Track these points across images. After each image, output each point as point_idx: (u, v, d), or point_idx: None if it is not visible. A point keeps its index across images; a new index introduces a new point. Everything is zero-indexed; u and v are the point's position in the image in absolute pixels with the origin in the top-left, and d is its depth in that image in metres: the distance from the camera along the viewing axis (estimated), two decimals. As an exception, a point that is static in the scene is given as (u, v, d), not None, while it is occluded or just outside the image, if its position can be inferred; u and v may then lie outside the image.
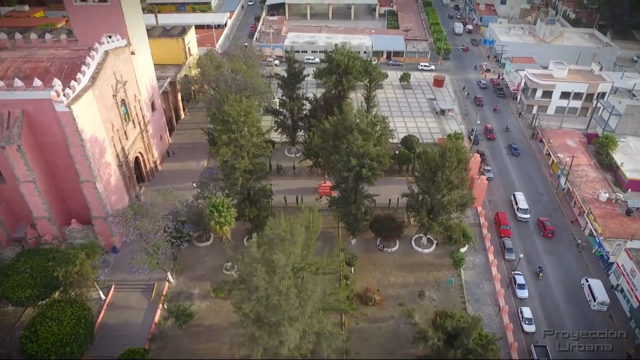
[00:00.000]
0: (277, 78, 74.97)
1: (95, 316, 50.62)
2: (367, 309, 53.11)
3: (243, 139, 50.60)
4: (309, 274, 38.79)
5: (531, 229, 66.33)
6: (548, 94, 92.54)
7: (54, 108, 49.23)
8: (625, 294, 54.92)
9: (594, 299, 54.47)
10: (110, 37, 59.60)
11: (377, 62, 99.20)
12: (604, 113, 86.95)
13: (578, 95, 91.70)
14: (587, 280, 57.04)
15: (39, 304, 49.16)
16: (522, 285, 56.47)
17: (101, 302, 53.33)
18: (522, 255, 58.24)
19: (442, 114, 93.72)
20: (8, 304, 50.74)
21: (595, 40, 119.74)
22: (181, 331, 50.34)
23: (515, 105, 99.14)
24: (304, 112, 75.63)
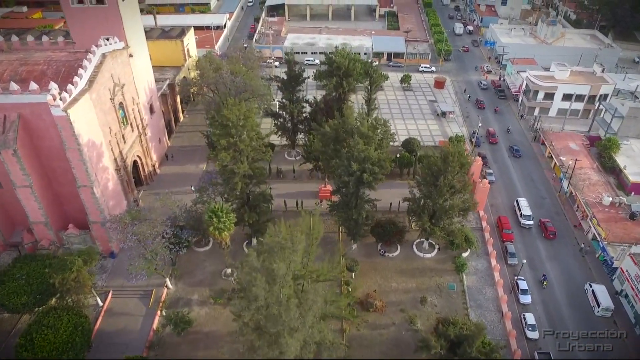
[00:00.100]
0: (276, 80, 74.18)
1: (92, 323, 49.92)
2: (368, 315, 52.40)
3: (242, 143, 49.88)
4: (309, 283, 38.06)
5: (534, 233, 65.61)
6: (550, 96, 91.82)
7: (51, 112, 48.51)
8: (629, 300, 54.23)
9: (598, 305, 53.77)
10: (107, 39, 58.86)
11: (377, 63, 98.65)
12: (607, 115, 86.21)
13: (580, 97, 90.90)
14: (590, 285, 56.35)
15: (35, 310, 48.48)
16: (525, 291, 55.77)
17: (99, 309, 52.56)
18: (525, 261, 57.52)
19: (443, 116, 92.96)
20: (4, 311, 49.90)
21: (597, 42, 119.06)
22: (180, 338, 49.54)
23: (516, 107, 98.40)
24: (304, 114, 74.78)
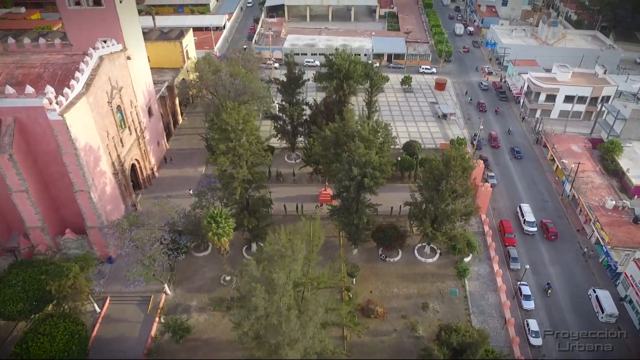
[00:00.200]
0: (276, 83, 73.36)
1: (89, 330, 49.26)
2: (369, 322, 51.64)
3: (242, 148, 49.11)
4: (310, 292, 37.32)
5: (536, 237, 64.76)
6: (552, 98, 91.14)
7: (47, 116, 47.73)
8: (634, 306, 53.52)
9: (602, 311, 53.07)
10: (105, 41, 58.12)
11: (378, 65, 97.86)
12: (609, 117, 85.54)
13: (582, 99, 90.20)
14: (594, 291, 55.67)
15: (32, 317, 47.71)
16: (528, 297, 55.04)
17: (96, 315, 51.80)
18: (528, 266, 56.76)
19: (444, 118, 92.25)
20: (-1, 318, 49.26)
21: (598, 43, 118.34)
22: (178, 346, 48.76)
23: (518, 109, 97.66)
24: (304, 117, 73.99)
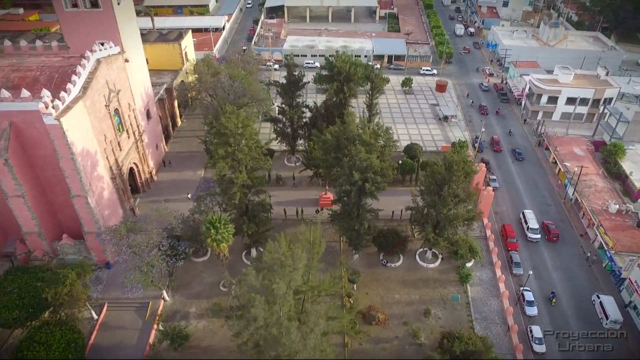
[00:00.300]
0: (276, 85, 72.60)
1: (87, 337, 48.58)
2: (370, 329, 50.91)
3: (241, 152, 48.34)
4: (310, 300, 36.58)
5: (539, 243, 63.97)
6: (553, 100, 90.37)
7: (43, 120, 47.00)
8: (639, 312, 52.83)
9: (607, 317, 52.35)
10: (102, 44, 57.38)
11: (380, 67, 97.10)
12: (611, 119, 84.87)
13: (584, 101, 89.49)
14: (598, 296, 54.94)
15: (28, 325, 46.95)
16: (531, 302, 54.31)
17: (93, 322, 51.07)
18: (531, 272, 55.97)
19: (445, 120, 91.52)
20: (-5, 326, 48.45)
21: (600, 44, 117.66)
22: (177, 353, 48.02)
23: (519, 111, 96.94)
24: (304, 120, 73.25)
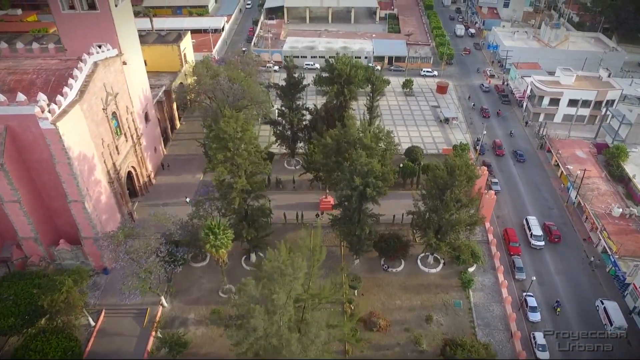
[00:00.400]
0: (276, 88, 71.88)
1: (84, 344, 47.99)
2: (371, 335, 50.21)
3: (240, 157, 47.61)
4: (311, 309, 35.88)
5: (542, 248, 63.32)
6: (555, 102, 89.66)
7: (39, 125, 46.26)
8: (643, 319, 52.29)
9: (611, 323, 51.69)
10: (100, 46, 56.63)
11: (380, 69, 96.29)
12: (613, 122, 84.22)
13: (586, 103, 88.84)
14: (602, 302, 54.28)
15: (24, 332, 46.22)
16: (534, 308, 53.66)
17: (90, 329, 50.34)
18: (534, 278, 55.21)
19: (446, 123, 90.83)
20: (-10, 334, 47.72)
21: (601, 45, 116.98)
22: (175, 361, 47.51)
23: (520, 113, 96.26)
24: (304, 122, 72.50)
